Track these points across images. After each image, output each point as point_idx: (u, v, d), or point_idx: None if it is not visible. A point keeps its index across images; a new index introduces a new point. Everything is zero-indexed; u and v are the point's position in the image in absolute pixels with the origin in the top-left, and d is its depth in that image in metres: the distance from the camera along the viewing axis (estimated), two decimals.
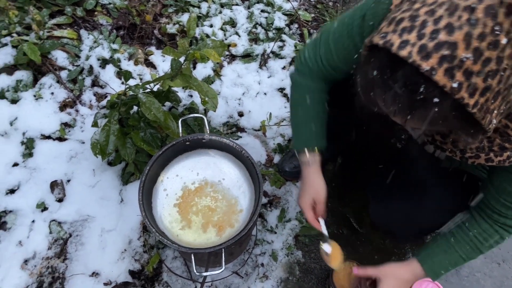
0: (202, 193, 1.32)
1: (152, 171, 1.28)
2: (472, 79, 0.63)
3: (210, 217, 1.28)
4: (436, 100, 0.66)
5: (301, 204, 1.27)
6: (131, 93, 1.50)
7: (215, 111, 1.43)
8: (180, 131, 1.35)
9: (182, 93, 1.93)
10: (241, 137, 1.87)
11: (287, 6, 2.35)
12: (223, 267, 1.15)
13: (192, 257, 1.17)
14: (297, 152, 1.25)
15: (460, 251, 1.11)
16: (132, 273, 1.54)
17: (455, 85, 0.63)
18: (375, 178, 1.71)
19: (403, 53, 0.65)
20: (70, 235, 1.57)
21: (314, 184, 1.24)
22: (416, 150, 1.25)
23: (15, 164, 1.64)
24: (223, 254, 1.17)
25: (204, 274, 1.16)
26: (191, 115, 1.35)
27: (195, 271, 1.14)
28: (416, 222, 1.30)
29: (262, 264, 1.60)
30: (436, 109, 0.67)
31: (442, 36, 0.63)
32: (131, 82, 1.89)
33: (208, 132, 1.33)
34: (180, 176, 1.36)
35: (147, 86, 1.51)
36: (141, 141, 1.55)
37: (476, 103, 0.65)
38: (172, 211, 1.30)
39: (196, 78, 1.39)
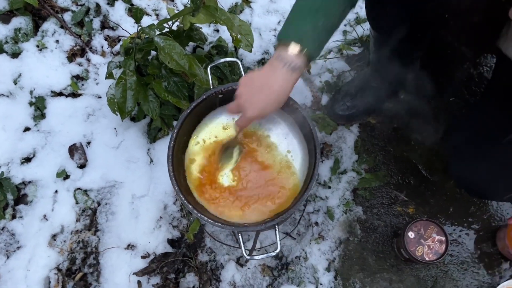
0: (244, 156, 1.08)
1: (181, 136, 1.04)
2: None
3: (258, 184, 1.06)
4: None
5: (255, 107, 0.90)
6: (146, 36, 1.23)
7: (251, 51, 1.14)
8: (210, 80, 1.08)
9: (206, 29, 1.62)
10: None
11: None
12: (279, 248, 0.94)
13: (240, 237, 0.96)
14: (279, 41, 0.88)
15: None
16: (171, 242, 1.37)
17: None
18: (454, 121, 1.41)
19: None
20: (99, 204, 1.40)
21: (279, 93, 0.88)
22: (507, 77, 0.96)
23: (27, 129, 1.43)
24: (277, 233, 0.96)
25: (256, 258, 0.96)
26: (221, 60, 1.07)
27: (244, 254, 0.94)
28: None
29: (316, 223, 1.39)
30: None
31: None
32: (147, 21, 1.60)
33: None
34: (215, 135, 1.11)
35: (165, 25, 1.23)
36: (165, 91, 1.30)
37: None
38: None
39: (224, 10, 1.09)
